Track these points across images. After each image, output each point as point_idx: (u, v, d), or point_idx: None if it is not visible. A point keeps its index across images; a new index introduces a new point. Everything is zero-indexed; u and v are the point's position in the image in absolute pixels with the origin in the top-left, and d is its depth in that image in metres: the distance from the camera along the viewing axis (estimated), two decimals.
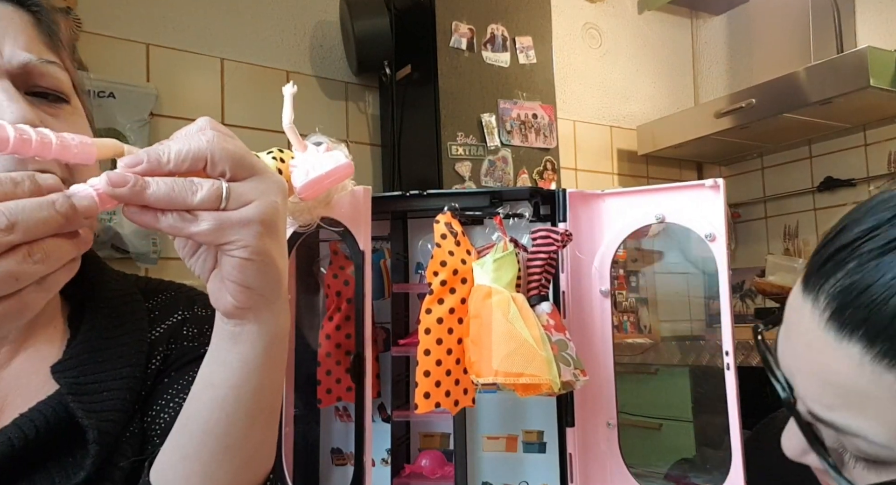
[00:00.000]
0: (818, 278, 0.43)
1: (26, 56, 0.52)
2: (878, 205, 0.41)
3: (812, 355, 0.43)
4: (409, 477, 1.08)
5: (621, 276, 2.50)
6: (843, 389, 0.41)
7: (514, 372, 0.85)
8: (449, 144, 2.03)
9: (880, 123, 2.40)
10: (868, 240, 0.40)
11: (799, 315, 0.44)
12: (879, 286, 0.39)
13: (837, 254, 0.42)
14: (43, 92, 0.54)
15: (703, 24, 3.05)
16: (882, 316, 0.38)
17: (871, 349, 0.39)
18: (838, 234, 0.43)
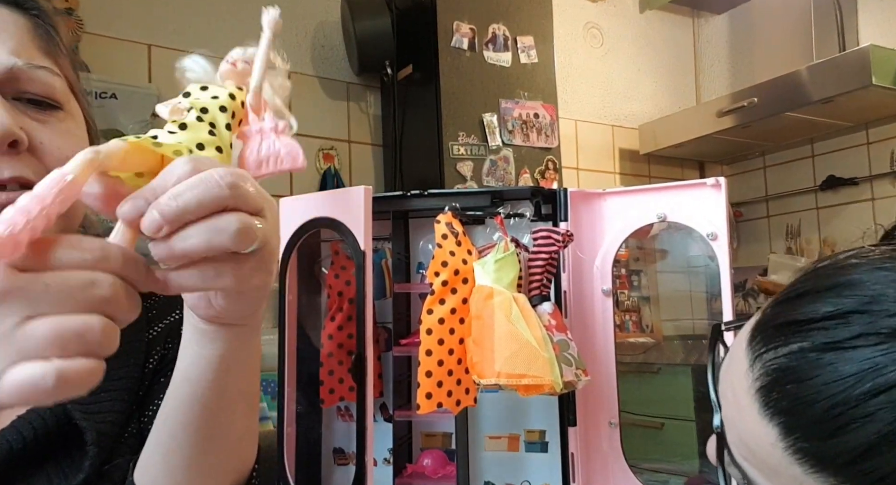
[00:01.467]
0: (763, 342, 0.42)
1: (12, 60, 0.51)
2: (845, 287, 0.40)
3: (738, 410, 0.43)
4: (411, 477, 1.08)
5: (623, 275, 2.50)
6: (756, 455, 0.42)
7: (517, 373, 0.85)
8: (450, 143, 2.03)
9: (882, 122, 2.40)
10: (819, 329, 0.39)
11: (738, 363, 0.44)
12: (810, 385, 0.38)
13: (788, 327, 0.41)
14: (33, 98, 0.53)
15: (705, 23, 3.04)
16: (804, 415, 0.38)
17: (786, 438, 0.39)
18: (798, 300, 0.42)
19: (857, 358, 0.37)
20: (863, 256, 0.41)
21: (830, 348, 0.38)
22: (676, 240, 2.58)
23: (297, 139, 0.49)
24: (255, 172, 0.47)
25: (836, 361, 0.38)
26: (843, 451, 0.37)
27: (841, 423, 0.37)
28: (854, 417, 0.36)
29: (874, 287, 0.38)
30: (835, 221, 2.56)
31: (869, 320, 0.38)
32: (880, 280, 0.39)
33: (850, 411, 0.36)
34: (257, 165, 0.48)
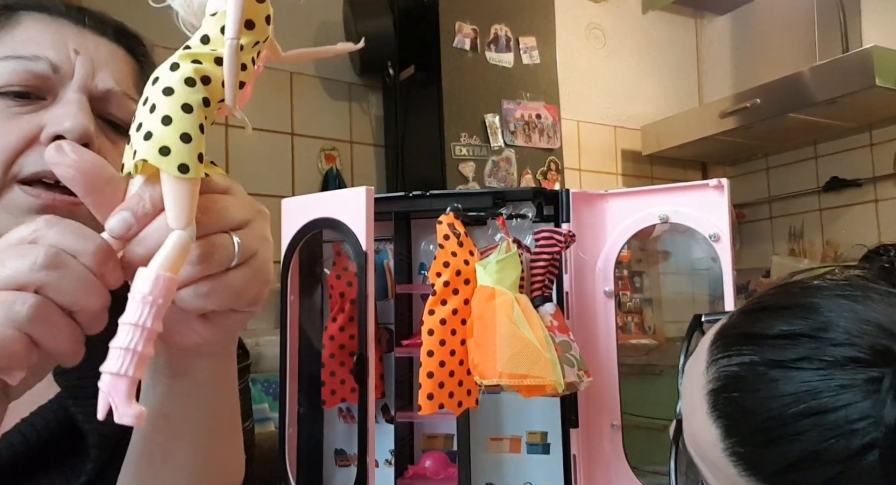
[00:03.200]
0: (721, 348, 0.44)
1: (113, 84, 0.59)
2: (803, 309, 0.42)
3: (691, 406, 0.46)
4: (413, 478, 1.08)
5: (625, 276, 2.50)
6: (701, 449, 0.45)
7: (519, 374, 0.85)
8: (452, 144, 2.03)
9: (886, 123, 2.39)
10: (770, 346, 0.41)
11: (698, 362, 0.46)
12: (753, 397, 0.41)
13: (745, 338, 0.43)
14: (115, 122, 0.60)
15: (708, 24, 3.04)
16: (743, 423, 0.41)
17: (725, 441, 0.42)
18: (757, 313, 0.44)
19: (798, 379, 0.39)
20: (830, 280, 0.43)
21: (777, 366, 0.40)
22: (679, 241, 2.58)
23: (300, 141, 0.48)
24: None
25: (779, 378, 0.40)
26: (772, 461, 0.40)
27: (773, 436, 0.39)
28: (785, 433, 0.39)
29: (828, 314, 0.40)
30: (838, 223, 2.56)
31: (815, 346, 0.39)
32: (835, 309, 0.40)
33: (782, 427, 0.39)
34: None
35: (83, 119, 0.54)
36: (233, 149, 1.98)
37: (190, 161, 0.35)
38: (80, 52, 0.57)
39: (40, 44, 0.56)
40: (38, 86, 0.56)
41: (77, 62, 0.57)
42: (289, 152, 2.09)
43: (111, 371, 0.33)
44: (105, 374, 0.33)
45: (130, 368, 0.32)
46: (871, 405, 0.37)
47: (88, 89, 0.57)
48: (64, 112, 0.55)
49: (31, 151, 0.54)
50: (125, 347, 0.33)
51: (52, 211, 0.52)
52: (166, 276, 0.33)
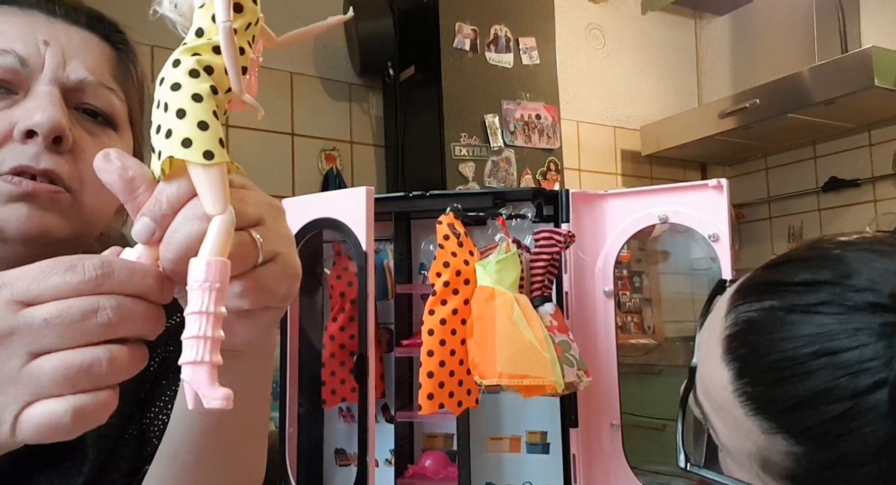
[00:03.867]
0: (742, 296, 0.46)
1: (85, 74, 0.57)
2: (830, 260, 0.43)
3: (706, 353, 0.47)
4: (413, 478, 1.08)
5: (625, 276, 2.50)
6: (710, 394, 0.46)
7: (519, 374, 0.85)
8: (452, 144, 2.03)
9: (885, 123, 2.40)
10: (792, 292, 0.43)
11: (718, 312, 0.48)
12: (769, 339, 0.42)
13: (766, 286, 0.45)
14: (92, 111, 0.58)
15: (707, 25, 3.04)
16: (756, 363, 0.43)
17: (736, 382, 0.44)
18: (782, 265, 0.46)
19: (816, 322, 0.40)
20: (858, 237, 0.45)
21: (796, 310, 0.42)
22: (678, 241, 2.58)
23: (300, 141, 0.48)
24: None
25: (796, 321, 0.41)
26: (781, 399, 0.41)
27: (785, 375, 0.41)
28: (797, 372, 0.40)
29: (853, 265, 0.42)
30: (837, 223, 2.56)
31: (837, 291, 0.41)
32: (862, 260, 0.42)
33: (795, 366, 0.40)
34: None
35: (53, 112, 0.53)
36: (233, 149, 1.99)
37: (213, 147, 0.35)
38: (49, 43, 0.56)
39: (7, 37, 0.55)
40: (8, 80, 0.54)
41: (47, 54, 0.55)
42: (289, 152, 2.09)
43: (190, 361, 0.34)
44: (185, 366, 0.34)
45: (206, 354, 0.34)
46: (885, 347, 0.38)
47: (60, 81, 0.55)
48: (34, 106, 0.53)
49: (5, 148, 0.53)
50: (197, 335, 0.34)
51: (33, 199, 0.52)
52: (217, 260, 0.34)
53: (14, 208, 0.52)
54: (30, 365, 0.32)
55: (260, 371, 0.49)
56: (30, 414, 0.32)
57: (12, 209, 0.52)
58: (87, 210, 0.56)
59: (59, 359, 0.32)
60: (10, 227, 0.52)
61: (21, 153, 0.52)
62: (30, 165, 0.52)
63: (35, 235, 0.53)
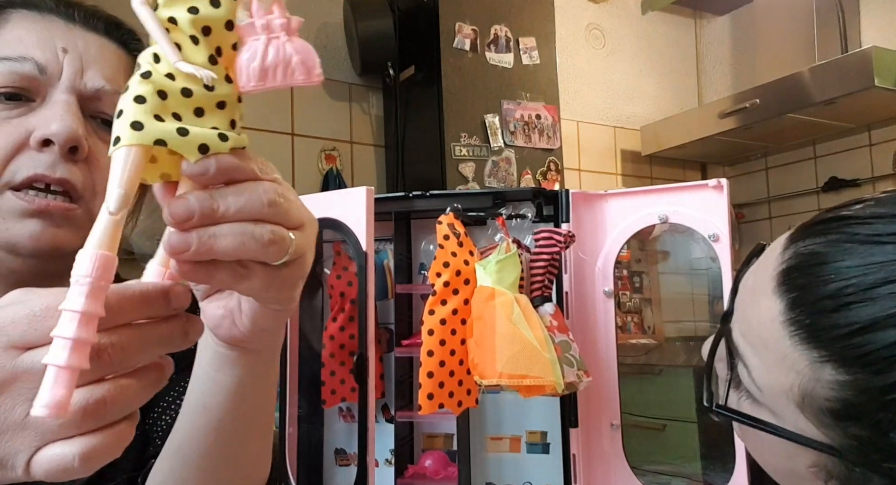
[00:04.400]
0: (804, 233, 0.45)
1: (103, 83, 0.57)
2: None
3: (753, 292, 0.46)
4: (413, 478, 1.08)
5: (625, 276, 2.50)
6: (753, 329, 0.45)
7: (518, 374, 0.85)
8: (452, 144, 2.03)
9: (885, 123, 2.39)
10: (860, 222, 0.41)
11: (771, 253, 0.47)
12: (833, 267, 0.41)
13: (834, 221, 0.43)
14: (108, 119, 0.58)
15: (707, 25, 3.04)
16: (814, 292, 0.41)
17: (789, 313, 0.42)
18: (849, 205, 0.45)
19: (887, 251, 0.39)
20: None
21: (867, 241, 0.40)
22: (678, 241, 2.58)
23: (300, 141, 0.47)
24: (257, 84, 0.36)
25: (868, 250, 0.40)
26: (837, 325, 0.40)
27: (847, 301, 0.39)
28: (860, 299, 0.39)
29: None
30: None
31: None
32: None
33: (858, 293, 0.39)
34: (261, 74, 0.36)
35: (70, 121, 0.53)
36: None
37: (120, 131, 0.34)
38: (68, 51, 0.56)
39: (27, 44, 0.55)
40: (25, 87, 0.55)
41: (65, 61, 0.56)
42: (289, 152, 2.09)
43: (51, 361, 0.31)
44: (48, 364, 0.32)
45: (65, 356, 0.31)
46: None
47: (77, 89, 0.56)
48: (51, 114, 0.54)
49: (21, 155, 0.53)
50: (64, 336, 0.32)
51: (47, 216, 0.53)
52: (103, 254, 0.33)
53: (27, 224, 0.53)
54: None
55: (265, 369, 0.49)
56: (39, 460, 0.32)
57: (25, 225, 0.53)
58: None
59: None
60: (23, 242, 0.53)
61: (37, 161, 0.53)
62: (45, 174, 0.53)
63: (47, 251, 0.54)
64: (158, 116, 0.34)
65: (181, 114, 0.35)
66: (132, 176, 0.34)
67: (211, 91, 0.35)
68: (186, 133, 0.34)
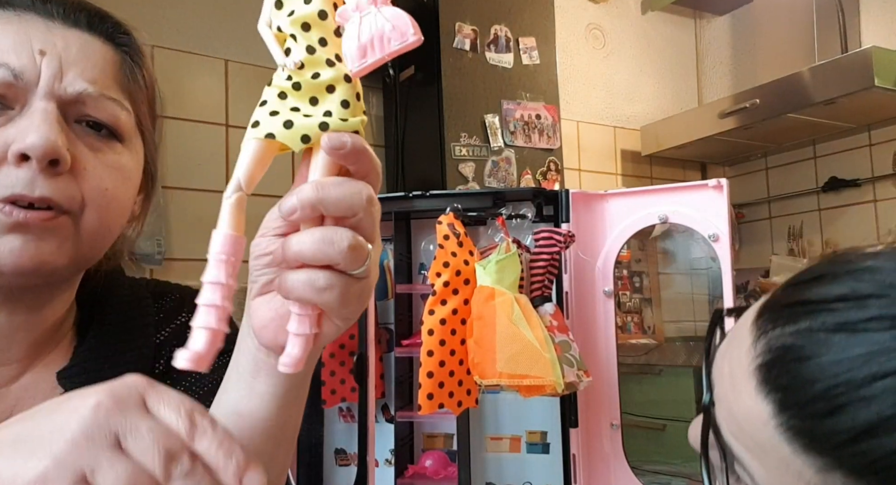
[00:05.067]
0: (770, 320, 0.41)
1: (84, 86, 0.53)
2: (865, 272, 0.39)
3: (733, 387, 0.43)
4: (413, 478, 1.08)
5: (625, 276, 2.50)
6: (746, 431, 0.41)
7: (518, 374, 0.85)
8: (452, 144, 2.03)
9: (885, 123, 2.40)
10: (831, 310, 0.38)
11: (740, 341, 0.43)
12: (814, 364, 0.38)
13: (798, 306, 0.40)
14: (94, 123, 0.54)
15: (707, 25, 3.04)
16: (802, 393, 0.38)
17: (780, 416, 0.39)
18: (813, 282, 0.41)
19: (868, 341, 0.36)
20: (884, 247, 0.41)
21: (841, 329, 0.37)
22: (678, 241, 2.58)
23: None
24: (361, 63, 0.39)
25: (845, 341, 0.37)
26: (839, 431, 0.36)
27: (841, 402, 0.36)
28: (853, 398, 0.36)
29: (893, 275, 0.38)
30: (837, 223, 2.56)
31: (887, 304, 0.37)
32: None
33: (851, 392, 0.36)
34: (360, 53, 0.39)
35: (47, 133, 0.49)
36: (233, 149, 1.99)
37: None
38: (45, 53, 0.52)
39: (1, 48, 0.51)
40: (2, 94, 0.51)
41: (42, 64, 0.51)
42: (289, 152, 2.09)
43: (201, 325, 0.39)
44: (197, 328, 0.39)
45: (214, 321, 0.39)
46: None
47: (57, 95, 0.52)
48: (28, 125, 0.49)
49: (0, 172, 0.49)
50: (209, 303, 0.40)
51: (25, 229, 0.50)
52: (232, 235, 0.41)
53: (7, 240, 0.49)
54: None
55: (302, 383, 0.49)
56: None
57: (5, 242, 0.49)
58: (89, 232, 0.53)
59: None
60: (4, 260, 0.49)
61: (15, 179, 0.49)
62: (24, 194, 0.49)
63: (30, 269, 0.50)
64: (274, 112, 0.40)
65: (299, 106, 0.40)
66: (248, 165, 0.40)
67: (317, 79, 0.40)
68: (291, 126, 0.39)
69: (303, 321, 0.40)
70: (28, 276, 0.51)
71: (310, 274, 0.38)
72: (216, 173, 1.94)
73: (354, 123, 0.40)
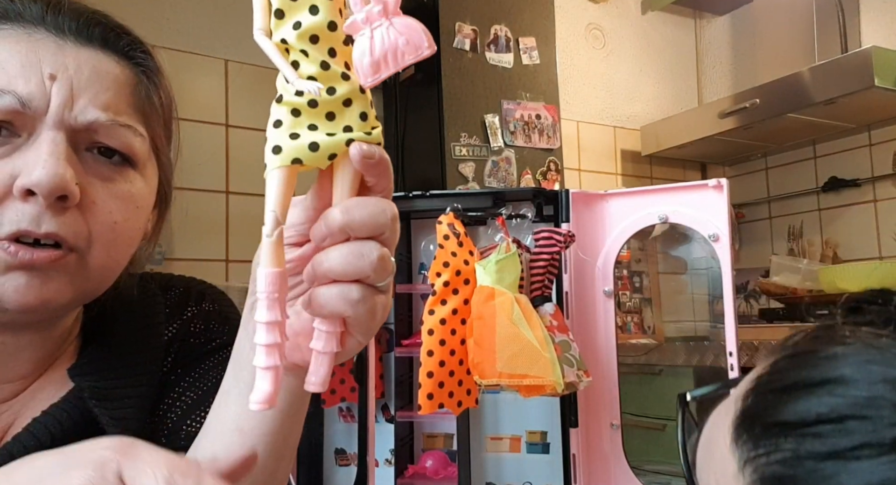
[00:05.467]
0: (752, 443, 0.40)
1: (96, 115, 0.50)
2: (838, 384, 0.38)
3: None
4: (413, 477, 1.08)
5: (625, 276, 2.50)
6: None
7: (518, 374, 0.85)
8: (452, 144, 2.03)
9: (885, 123, 2.39)
10: (815, 435, 0.37)
11: (725, 462, 0.42)
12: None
13: (779, 428, 0.39)
14: (108, 150, 0.52)
15: (707, 25, 3.04)
16: None
17: None
18: (785, 394, 0.40)
19: (862, 470, 0.35)
20: (843, 343, 0.39)
21: (831, 457, 0.36)
22: (678, 241, 2.58)
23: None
24: (373, 78, 0.37)
25: (838, 472, 0.36)
26: None
27: None
28: None
29: (869, 388, 0.37)
30: (837, 223, 2.56)
31: (871, 429, 0.36)
32: (872, 378, 0.37)
33: None
34: (373, 67, 0.37)
35: (54, 167, 0.47)
36: (233, 149, 1.99)
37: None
38: (56, 77, 0.49)
39: (8, 72, 0.48)
40: (9, 121, 0.48)
41: (52, 91, 0.49)
42: None
43: (263, 366, 0.38)
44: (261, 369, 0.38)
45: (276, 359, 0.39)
46: None
47: (67, 124, 0.49)
48: (35, 158, 0.47)
49: (5, 206, 0.47)
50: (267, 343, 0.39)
51: (31, 268, 0.48)
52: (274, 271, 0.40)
53: (12, 278, 0.48)
54: None
55: (303, 400, 0.49)
56: None
57: (10, 279, 0.48)
58: (96, 268, 0.52)
59: None
60: (9, 298, 0.48)
61: (21, 214, 0.47)
62: (29, 230, 0.47)
63: (34, 306, 0.49)
64: (294, 134, 0.38)
65: (316, 123, 0.38)
66: (280, 197, 0.38)
67: (333, 94, 0.38)
68: (317, 148, 0.38)
69: (329, 339, 0.40)
70: (32, 313, 0.50)
71: (342, 288, 0.39)
72: (216, 173, 1.94)
73: (377, 135, 0.40)
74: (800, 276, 2.23)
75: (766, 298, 2.51)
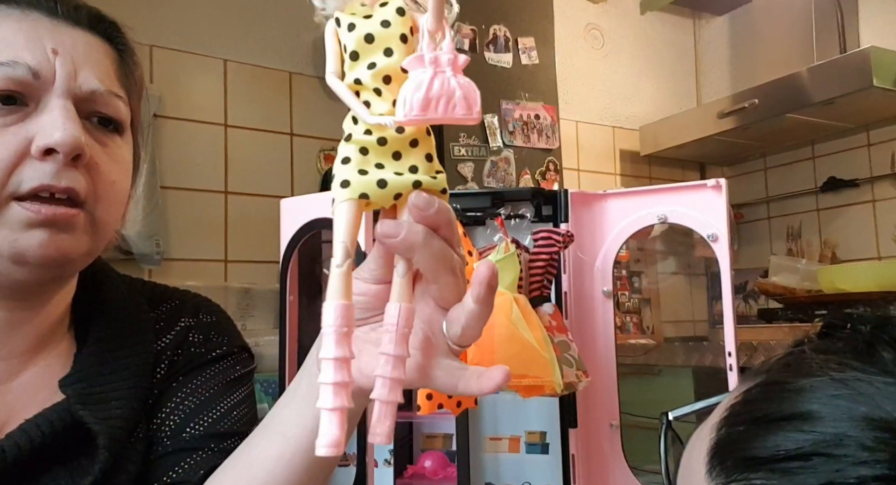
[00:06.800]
0: (724, 475, 0.40)
1: (97, 84, 0.56)
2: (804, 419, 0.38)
3: None
4: (412, 478, 1.08)
5: (624, 276, 2.50)
6: None
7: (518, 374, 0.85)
8: (451, 144, 2.03)
9: (883, 124, 2.40)
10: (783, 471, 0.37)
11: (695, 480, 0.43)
12: None
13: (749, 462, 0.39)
14: (102, 118, 0.58)
15: (706, 25, 3.05)
16: None
17: None
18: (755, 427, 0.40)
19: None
20: (811, 375, 0.40)
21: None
22: (677, 241, 2.58)
23: (299, 141, 0.47)
24: (419, 114, 0.36)
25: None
26: None
27: None
28: None
29: (835, 425, 0.37)
30: (835, 223, 2.56)
31: (836, 468, 0.36)
32: (838, 415, 0.37)
33: None
34: (423, 104, 0.36)
35: (72, 129, 0.53)
36: (232, 149, 1.99)
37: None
38: (58, 52, 0.54)
39: (14, 46, 0.53)
40: (20, 91, 0.53)
41: (57, 63, 0.54)
42: (288, 152, 2.09)
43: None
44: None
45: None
46: None
47: (73, 93, 0.55)
48: (51, 122, 0.53)
49: (24, 165, 0.52)
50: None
51: (54, 225, 0.53)
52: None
53: (34, 234, 0.52)
54: None
55: (359, 415, 0.50)
56: None
57: (33, 235, 0.52)
58: (101, 224, 0.57)
59: None
60: (32, 252, 0.52)
61: (41, 171, 0.52)
62: (51, 184, 0.52)
63: (55, 259, 0.54)
64: (363, 171, 0.39)
65: (383, 162, 0.39)
66: (349, 228, 0.39)
67: (402, 133, 0.39)
68: (385, 185, 0.39)
69: (394, 387, 0.39)
70: (51, 267, 0.54)
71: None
72: (215, 173, 1.94)
73: (441, 181, 0.41)
74: (798, 276, 2.23)
75: (764, 299, 2.52)
